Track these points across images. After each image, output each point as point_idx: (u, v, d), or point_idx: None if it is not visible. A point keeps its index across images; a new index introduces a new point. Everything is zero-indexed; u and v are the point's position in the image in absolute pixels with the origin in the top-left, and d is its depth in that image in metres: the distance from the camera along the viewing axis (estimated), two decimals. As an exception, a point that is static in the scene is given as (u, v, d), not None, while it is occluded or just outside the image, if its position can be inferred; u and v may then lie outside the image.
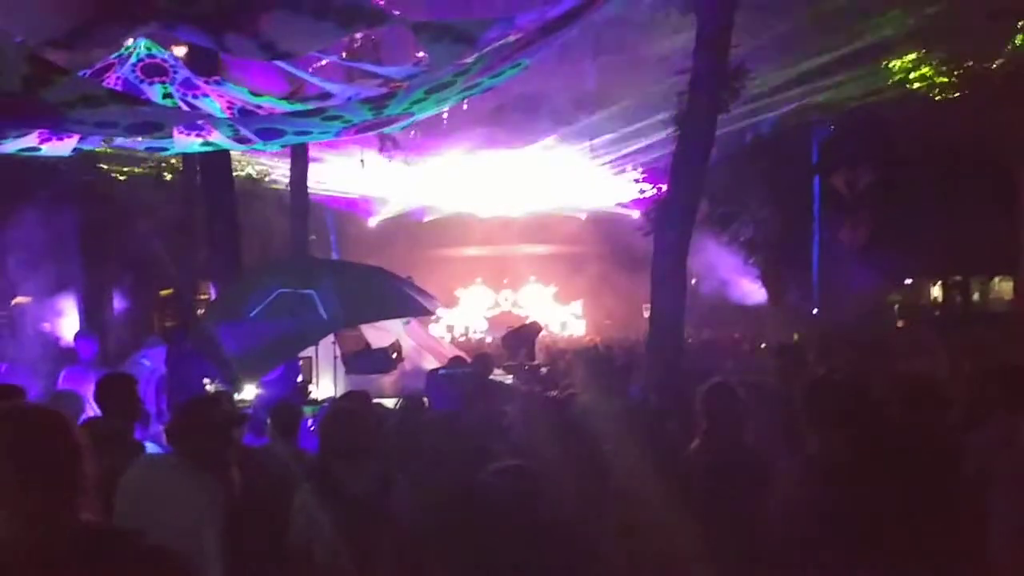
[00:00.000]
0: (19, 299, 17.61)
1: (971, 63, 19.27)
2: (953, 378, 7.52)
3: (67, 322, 16.13)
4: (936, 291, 27.41)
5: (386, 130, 9.79)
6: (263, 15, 5.37)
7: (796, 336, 17.70)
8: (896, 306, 25.22)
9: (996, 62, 18.72)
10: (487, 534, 3.62)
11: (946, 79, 19.79)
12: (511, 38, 6.47)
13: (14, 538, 2.05)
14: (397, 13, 6.66)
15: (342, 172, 23.51)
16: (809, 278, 23.41)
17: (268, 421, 5.83)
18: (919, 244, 20.60)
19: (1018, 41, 18.04)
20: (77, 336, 9.71)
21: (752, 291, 23.38)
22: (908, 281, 26.50)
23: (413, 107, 7.37)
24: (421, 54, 8.28)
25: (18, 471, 2.08)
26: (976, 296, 26.63)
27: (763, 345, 14.85)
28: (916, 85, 20.27)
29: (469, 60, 6.45)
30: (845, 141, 22.07)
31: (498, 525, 3.63)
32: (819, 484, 3.78)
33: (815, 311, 22.44)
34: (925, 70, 19.99)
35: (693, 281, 18.36)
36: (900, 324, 22.98)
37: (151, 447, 5.18)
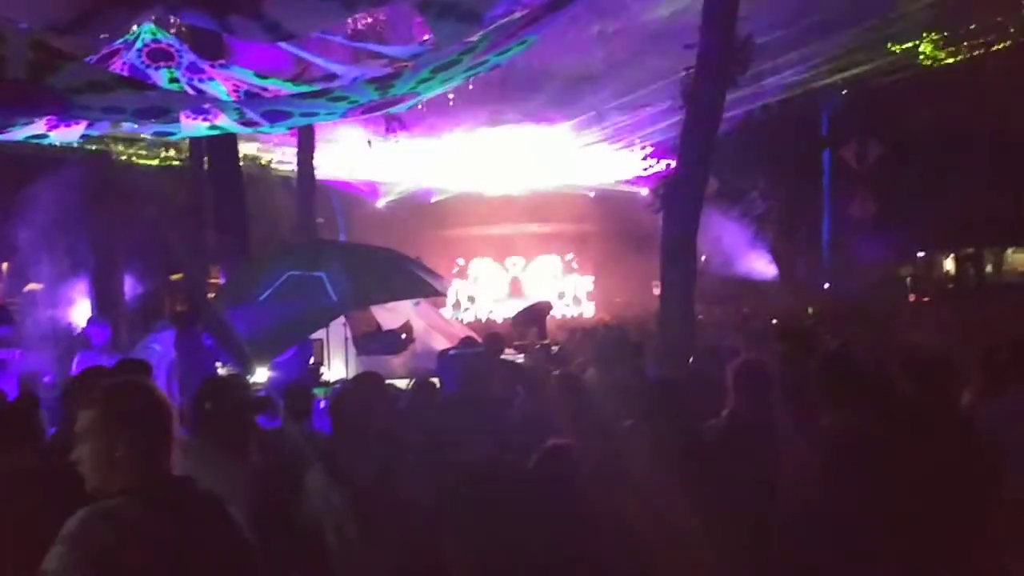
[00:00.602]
0: (31, 286, 17.69)
1: (976, 35, 19.22)
2: (967, 350, 7.48)
3: (79, 308, 16.20)
4: (949, 264, 27.29)
5: (392, 110, 9.75)
6: (266, -5, 5.35)
7: (810, 310, 17.68)
8: (908, 279, 25.13)
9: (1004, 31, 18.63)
10: (511, 514, 3.62)
11: (952, 56, 19.71)
12: (517, 14, 6.43)
13: (130, 487, 2.48)
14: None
15: (348, 154, 23.47)
16: (819, 252, 23.33)
17: (281, 403, 5.85)
18: (930, 216, 20.50)
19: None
20: (89, 322, 9.73)
21: (762, 266, 23.31)
22: (921, 254, 26.38)
23: (419, 86, 7.34)
24: (427, 36, 8.25)
25: (145, 435, 2.56)
26: (989, 268, 26.51)
27: (774, 321, 14.82)
28: (922, 58, 20.17)
29: (475, 38, 6.41)
30: (854, 114, 21.95)
31: (525, 506, 3.64)
32: (833, 459, 3.77)
33: (826, 285, 22.39)
34: (927, 47, 19.91)
35: (703, 258, 18.30)
36: (912, 298, 22.91)
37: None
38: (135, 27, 7.80)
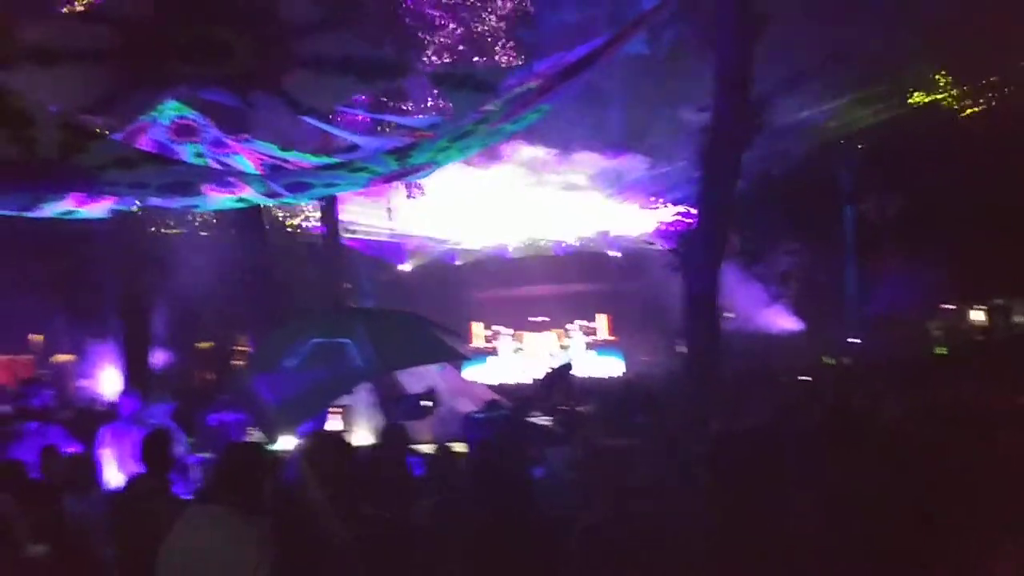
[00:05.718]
0: (60, 356, 17.89)
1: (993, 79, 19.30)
2: (993, 404, 7.39)
3: (107, 378, 16.33)
4: (978, 315, 26.94)
5: (411, 178, 9.92)
6: (287, 73, 5.52)
7: (832, 361, 17.53)
8: (937, 332, 24.83)
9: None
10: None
11: (969, 100, 19.78)
12: (531, 84, 6.55)
13: None
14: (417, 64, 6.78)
15: (371, 218, 23.80)
16: (844, 307, 23.17)
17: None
18: (956, 268, 20.32)
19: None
20: (121, 393, 9.84)
21: (787, 322, 23.17)
22: (951, 307, 26.08)
23: (438, 156, 7.44)
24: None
25: None
26: (1020, 319, 26.15)
27: (800, 377, 14.68)
28: (938, 96, 20.24)
29: (490, 107, 6.54)
30: (875, 166, 21.94)
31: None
32: (835, 517, 3.72)
33: (854, 340, 22.17)
34: (946, 100, 19.99)
35: (728, 315, 18.24)
36: (944, 351, 22.61)
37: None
38: (160, 104, 8.00)
